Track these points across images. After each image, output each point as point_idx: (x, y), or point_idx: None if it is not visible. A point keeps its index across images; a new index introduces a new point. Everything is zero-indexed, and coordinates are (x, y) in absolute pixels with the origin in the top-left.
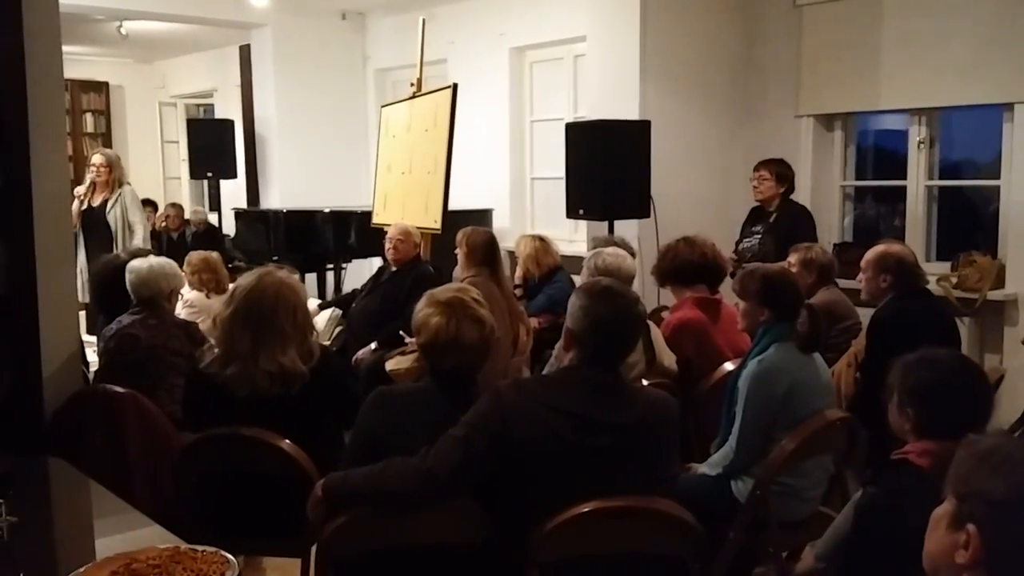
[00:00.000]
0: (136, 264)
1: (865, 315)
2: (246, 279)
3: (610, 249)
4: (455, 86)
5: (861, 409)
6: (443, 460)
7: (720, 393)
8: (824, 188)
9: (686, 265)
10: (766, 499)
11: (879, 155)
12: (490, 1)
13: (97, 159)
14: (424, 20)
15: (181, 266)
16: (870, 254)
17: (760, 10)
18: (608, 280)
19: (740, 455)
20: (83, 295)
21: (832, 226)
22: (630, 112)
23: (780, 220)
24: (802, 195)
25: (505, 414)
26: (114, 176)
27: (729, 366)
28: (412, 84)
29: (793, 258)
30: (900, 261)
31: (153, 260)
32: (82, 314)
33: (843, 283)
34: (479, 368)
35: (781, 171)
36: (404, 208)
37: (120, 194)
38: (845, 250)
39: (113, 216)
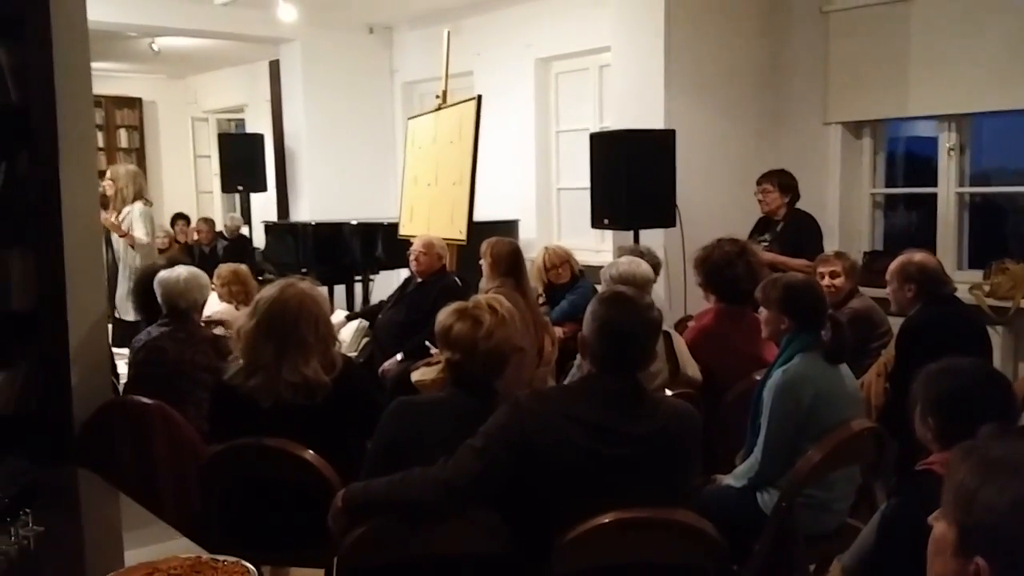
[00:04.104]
0: (165, 275)
1: (895, 324)
2: (269, 291)
3: (625, 258)
4: (479, 98)
5: (890, 419)
6: (462, 470)
7: (746, 403)
8: (853, 196)
9: (731, 284)
10: (792, 511)
11: (910, 162)
12: (516, 13)
13: (107, 174)
14: (449, 33)
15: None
16: (893, 264)
17: (786, 17)
18: (623, 287)
19: (765, 466)
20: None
21: (862, 234)
22: (655, 121)
23: (787, 228)
24: (830, 203)
25: (524, 424)
26: (122, 192)
27: (757, 376)
28: (438, 96)
29: (837, 266)
30: (923, 269)
31: (183, 271)
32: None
33: (875, 292)
34: (498, 376)
35: (784, 181)
36: (430, 219)
37: (129, 211)
38: (875, 259)
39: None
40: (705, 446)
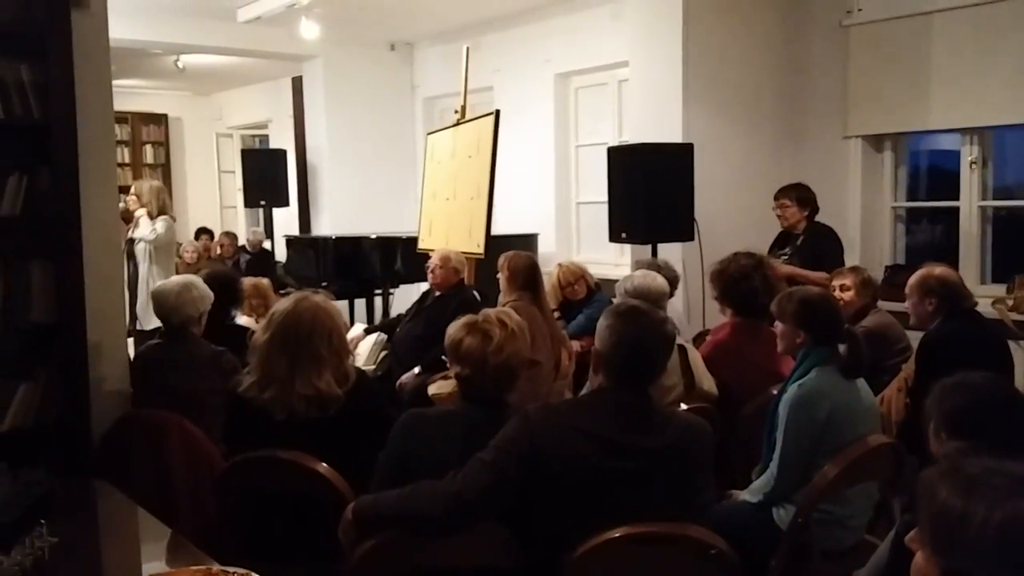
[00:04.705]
0: (159, 288)
1: (915, 338)
2: (283, 304)
3: (640, 271)
4: (497, 112)
5: (911, 434)
6: (471, 483)
7: (763, 418)
8: (874, 210)
9: (747, 298)
10: (809, 527)
11: (932, 176)
12: (535, 28)
13: (132, 189)
14: (468, 48)
15: None
16: (913, 278)
17: (805, 31)
18: (636, 301)
19: (781, 482)
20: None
21: (883, 248)
22: (673, 135)
23: (807, 242)
24: (851, 217)
25: (533, 437)
26: (147, 208)
27: (774, 391)
28: (456, 111)
29: (848, 280)
30: (943, 282)
31: (176, 282)
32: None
33: (894, 306)
34: (508, 390)
35: (802, 195)
36: (448, 233)
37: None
38: (897, 273)
39: (141, 247)
40: (721, 461)
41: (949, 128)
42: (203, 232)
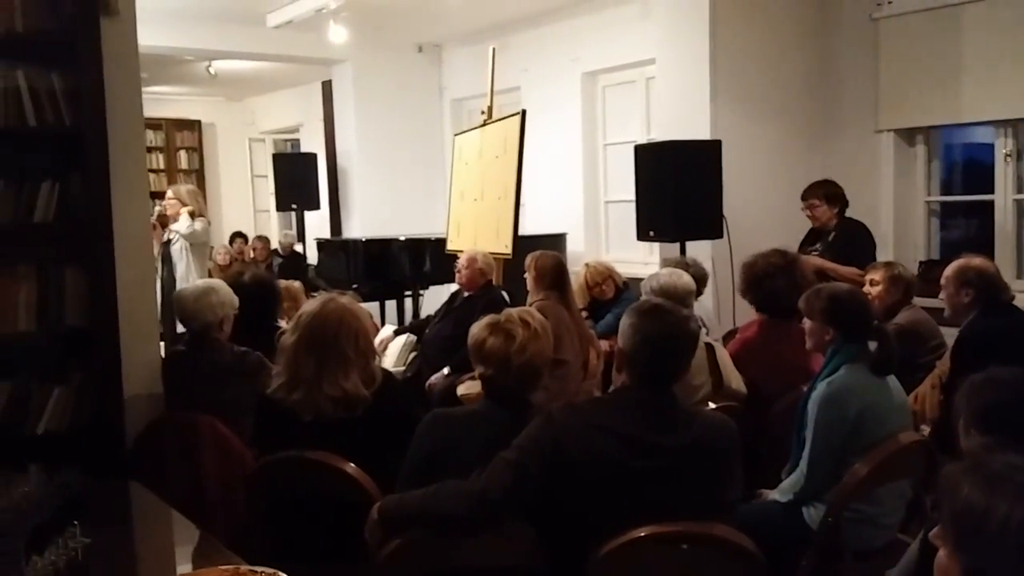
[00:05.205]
0: (179, 293)
1: (949, 335)
2: (310, 306)
3: (666, 269)
4: (523, 112)
5: (945, 432)
6: (495, 483)
7: (793, 416)
8: (907, 205)
9: (769, 297)
10: (839, 526)
11: (966, 169)
12: (562, 28)
13: (167, 193)
14: (494, 49)
15: None
16: (949, 269)
17: (834, 25)
18: (659, 299)
19: (811, 481)
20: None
21: (917, 243)
22: (702, 132)
23: (838, 238)
24: (884, 212)
25: (557, 436)
26: (190, 207)
27: (805, 388)
28: (483, 112)
29: (877, 275)
30: (981, 273)
31: (197, 287)
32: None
33: (929, 302)
34: (533, 390)
35: (830, 192)
36: (476, 234)
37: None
38: (931, 268)
39: (177, 247)
40: (751, 460)
41: (983, 120)
42: (237, 236)
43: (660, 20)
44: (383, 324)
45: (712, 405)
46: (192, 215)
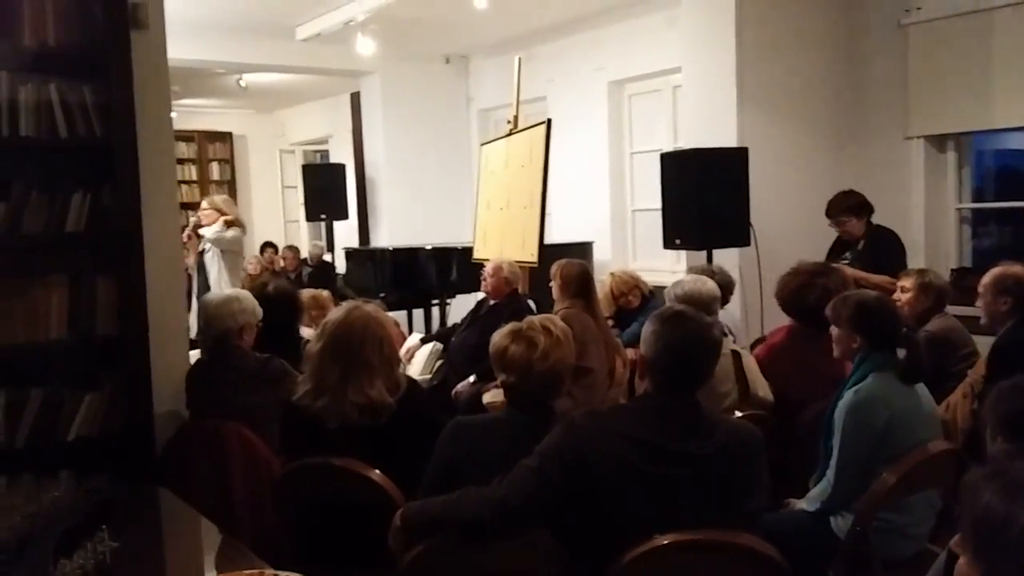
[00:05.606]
0: (204, 298)
1: (983, 343)
2: (335, 314)
3: (690, 276)
4: (549, 121)
5: (977, 441)
6: (517, 490)
7: (822, 424)
8: (938, 212)
9: (808, 311)
10: (867, 536)
11: (1000, 176)
12: (587, 37)
13: (202, 204)
14: (520, 59)
15: None
16: (987, 277)
17: (862, 32)
18: (681, 306)
19: (838, 490)
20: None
21: (949, 251)
22: (728, 139)
23: (868, 246)
24: (914, 220)
25: (578, 443)
26: (229, 216)
27: None
28: (509, 122)
29: (908, 282)
30: (1019, 281)
31: (223, 293)
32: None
33: (962, 310)
34: (555, 397)
35: (854, 204)
36: (503, 243)
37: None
38: (963, 276)
39: (210, 255)
40: (778, 469)
41: (1015, 126)
42: (268, 246)
43: (686, 28)
44: (410, 332)
45: (738, 413)
46: (228, 224)
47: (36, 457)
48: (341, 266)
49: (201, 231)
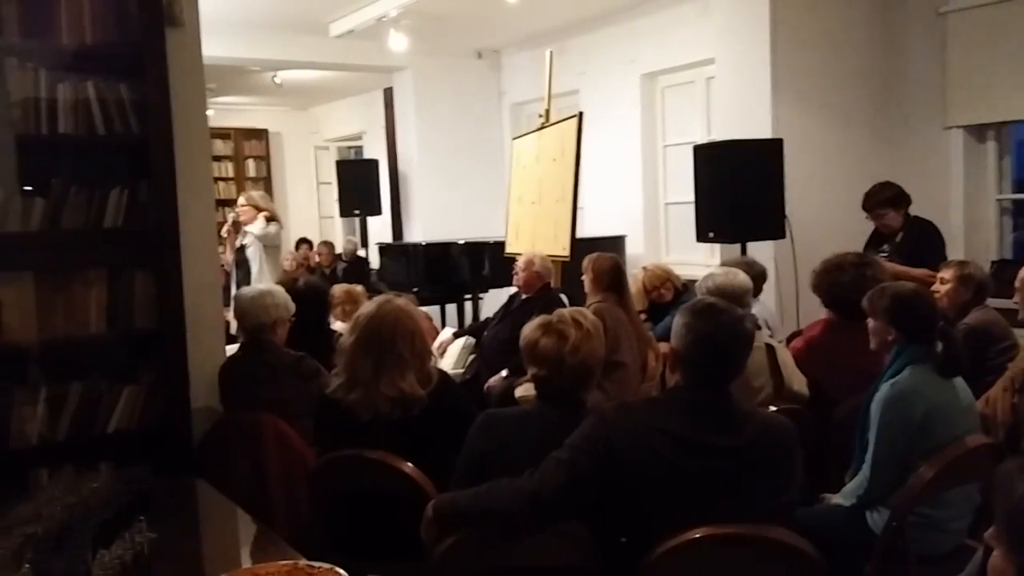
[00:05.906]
0: (238, 292)
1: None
2: (367, 308)
3: (722, 269)
4: (580, 115)
5: (1017, 436)
6: (547, 482)
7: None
8: (978, 203)
9: (845, 302)
10: (903, 531)
11: None
12: (620, 30)
13: (239, 200)
14: (551, 53)
15: None
16: (1023, 271)
17: (900, 20)
18: (712, 298)
19: (874, 484)
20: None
21: (989, 243)
22: (762, 131)
23: (907, 238)
24: (953, 211)
25: (609, 436)
26: (267, 212)
27: None
28: (540, 116)
29: (947, 273)
30: None
31: (257, 288)
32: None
33: (1002, 303)
34: (586, 390)
35: (892, 195)
36: (535, 237)
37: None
38: (1004, 268)
39: (252, 250)
40: (814, 463)
41: None
42: (303, 242)
43: (719, 19)
44: (443, 327)
45: (773, 408)
46: (268, 219)
47: (76, 450)
48: (375, 261)
49: (246, 227)
